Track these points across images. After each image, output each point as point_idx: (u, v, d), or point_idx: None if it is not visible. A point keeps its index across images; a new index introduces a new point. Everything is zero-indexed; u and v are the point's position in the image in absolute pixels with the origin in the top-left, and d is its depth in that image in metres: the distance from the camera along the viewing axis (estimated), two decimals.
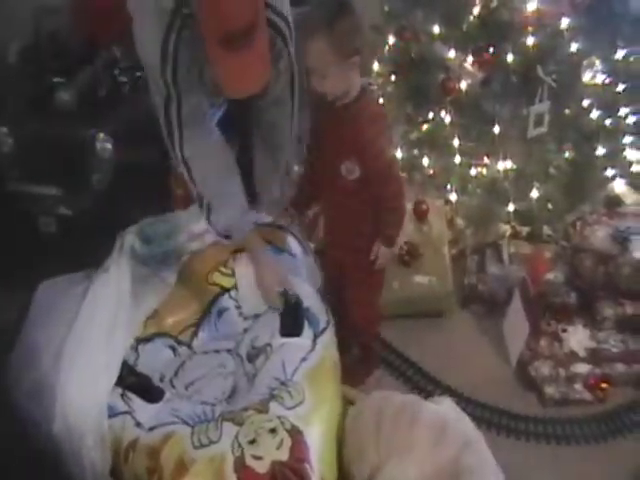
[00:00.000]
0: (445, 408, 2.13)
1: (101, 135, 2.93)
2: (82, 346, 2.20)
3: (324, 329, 2.39)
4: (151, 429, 2.10)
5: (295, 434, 2.00)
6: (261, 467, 1.90)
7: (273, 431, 1.99)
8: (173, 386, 2.33)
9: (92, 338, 2.23)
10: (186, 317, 2.50)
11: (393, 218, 2.44)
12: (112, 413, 2.14)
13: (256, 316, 2.49)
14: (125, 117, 3.05)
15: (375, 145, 2.29)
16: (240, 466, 1.90)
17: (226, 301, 2.51)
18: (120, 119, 3.03)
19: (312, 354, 2.29)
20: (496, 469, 1.99)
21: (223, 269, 2.54)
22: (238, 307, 2.52)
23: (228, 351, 2.45)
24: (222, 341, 2.49)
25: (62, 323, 2.27)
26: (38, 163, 2.96)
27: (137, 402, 2.19)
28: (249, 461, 1.91)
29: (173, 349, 2.46)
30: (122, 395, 2.19)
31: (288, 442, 1.97)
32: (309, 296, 2.48)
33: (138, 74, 3.07)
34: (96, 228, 2.93)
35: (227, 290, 2.51)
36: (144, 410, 2.17)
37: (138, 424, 2.12)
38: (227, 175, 2.43)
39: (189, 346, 2.47)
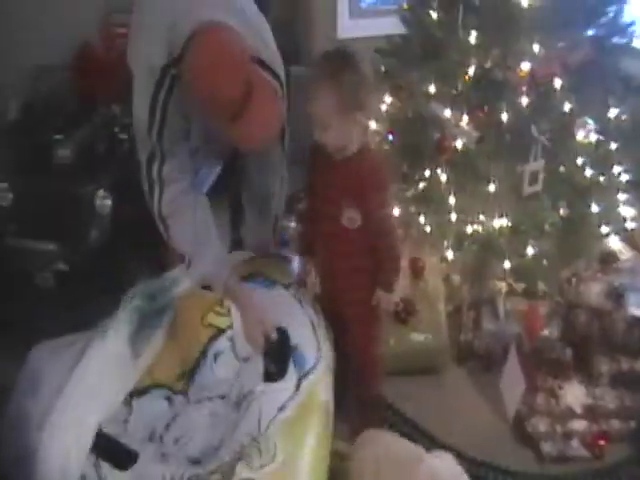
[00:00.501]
0: (444, 464, 2.15)
1: (100, 191, 2.99)
2: (68, 411, 2.19)
3: (311, 368, 2.35)
4: None
5: None
6: None
7: None
8: (162, 441, 2.29)
9: (79, 403, 2.22)
10: (181, 363, 2.44)
11: (391, 265, 2.47)
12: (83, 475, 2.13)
13: (245, 359, 2.43)
14: (124, 174, 3.06)
15: (379, 195, 2.33)
16: None
17: (222, 343, 2.44)
18: (119, 176, 3.08)
19: (292, 401, 2.26)
20: None
21: (218, 309, 2.48)
22: (233, 348, 2.45)
23: (221, 397, 2.39)
24: (217, 386, 2.41)
25: (51, 389, 2.25)
26: (37, 218, 3.01)
27: (107, 470, 2.16)
28: None
29: (169, 399, 2.39)
30: (94, 464, 2.16)
31: None
32: (300, 329, 2.45)
33: None
34: (94, 284, 2.97)
35: (223, 331, 2.45)
36: (113, 476, 2.15)
37: None
38: (204, 231, 2.46)
39: (185, 394, 2.40)
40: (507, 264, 3.04)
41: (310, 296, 2.65)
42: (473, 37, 2.89)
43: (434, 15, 3.06)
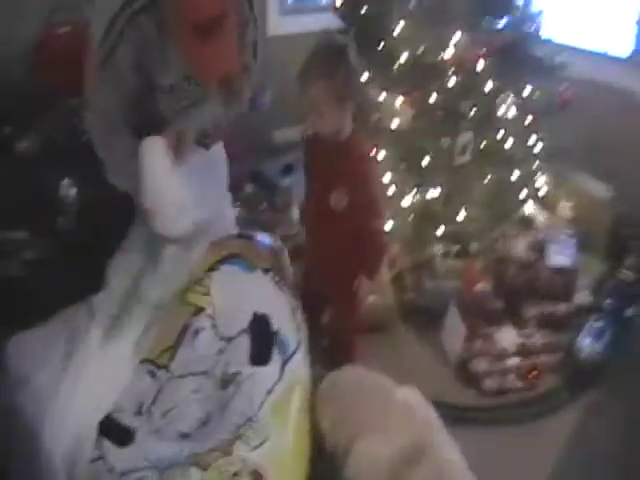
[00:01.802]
0: (415, 395, 2.43)
1: (65, 180, 3.05)
2: (69, 409, 2.26)
3: (294, 352, 2.46)
4: (123, 474, 2.15)
5: (258, 476, 2.10)
6: None
7: (236, 475, 2.08)
8: (150, 415, 2.34)
9: (79, 402, 2.28)
10: (164, 339, 2.49)
11: (375, 252, 2.63)
12: (89, 459, 2.20)
13: (230, 339, 2.47)
14: (87, 163, 2.93)
15: (365, 178, 2.52)
16: None
17: (202, 321, 2.51)
18: (83, 165, 2.97)
19: (279, 384, 2.35)
20: (453, 444, 2.31)
21: (198, 287, 2.56)
22: (214, 326, 2.51)
23: (204, 373, 2.44)
24: (199, 362, 2.46)
25: (44, 386, 2.29)
26: (2, 208, 2.99)
27: (108, 446, 2.23)
28: None
29: (152, 374, 2.44)
30: (96, 443, 2.23)
31: None
32: (281, 314, 2.54)
33: None
34: (63, 272, 2.96)
35: (202, 309, 2.52)
36: (116, 454, 2.21)
37: (110, 470, 2.17)
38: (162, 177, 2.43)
39: (167, 369, 2.44)
40: (442, 229, 3.42)
41: (288, 279, 2.76)
42: (402, 27, 3.24)
43: (365, 7, 3.41)
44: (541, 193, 3.74)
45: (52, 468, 2.20)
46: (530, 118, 3.49)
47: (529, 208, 3.71)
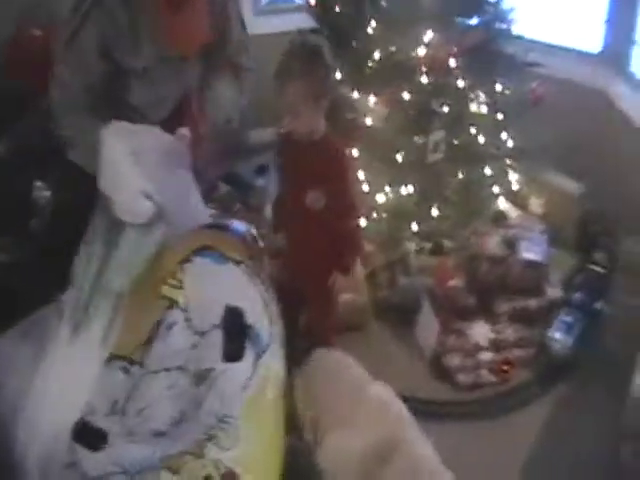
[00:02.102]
0: (384, 390, 2.48)
1: (38, 183, 3.09)
2: (42, 408, 2.28)
3: (267, 346, 2.41)
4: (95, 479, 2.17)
5: (230, 478, 2.11)
6: None
7: (208, 478, 2.10)
8: (124, 414, 2.33)
9: (52, 400, 2.29)
10: (137, 334, 2.42)
11: (350, 250, 2.74)
12: (63, 465, 2.21)
13: (203, 333, 2.41)
14: (61, 166, 2.99)
15: (341, 177, 2.59)
16: None
17: (175, 315, 2.43)
18: (57, 168, 3.06)
19: (252, 381, 2.32)
20: (426, 440, 2.34)
21: (171, 281, 2.47)
22: (188, 320, 2.43)
23: (178, 368, 2.39)
24: (173, 357, 2.40)
25: (18, 386, 2.32)
26: None
27: (81, 451, 2.22)
28: None
29: (125, 370, 2.39)
30: (69, 448, 2.23)
31: None
32: (253, 308, 2.46)
33: None
34: (37, 274, 2.96)
35: (176, 303, 2.44)
36: (88, 459, 2.21)
37: (83, 476, 2.18)
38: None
39: (141, 364, 2.39)
40: (415, 227, 3.48)
41: (262, 269, 2.68)
42: (374, 27, 3.30)
43: (338, 8, 3.48)
44: (513, 190, 3.79)
45: (26, 474, 2.22)
46: (502, 116, 3.53)
47: (501, 205, 3.77)
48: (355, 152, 3.43)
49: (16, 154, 3.17)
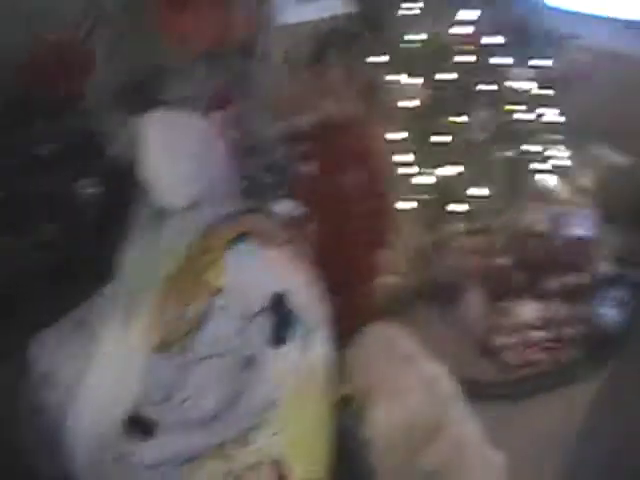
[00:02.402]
0: (437, 368, 2.53)
1: (80, 181, 3.11)
2: (91, 399, 2.33)
3: (312, 329, 2.42)
4: (146, 469, 2.22)
5: (277, 465, 2.12)
6: None
7: (254, 467, 2.11)
8: (172, 403, 2.36)
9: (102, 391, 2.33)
10: (184, 322, 2.44)
11: (386, 226, 2.84)
12: (113, 455, 2.26)
13: (249, 318, 2.43)
14: (103, 164, 3.11)
15: (377, 157, 2.65)
16: None
17: (220, 301, 2.45)
18: (96, 166, 3.12)
19: (299, 365, 2.33)
20: (475, 421, 2.38)
21: (215, 267, 2.49)
22: (233, 306, 2.45)
23: (224, 355, 2.42)
24: (219, 343, 2.42)
25: (68, 380, 2.36)
26: (25, 212, 3.06)
27: (132, 442, 2.27)
28: None
29: (174, 358, 2.42)
30: (120, 435, 2.28)
31: (269, 477, 2.12)
32: (298, 292, 2.47)
33: None
34: (83, 272, 2.99)
35: (220, 289, 2.45)
36: (139, 449, 2.25)
37: (132, 466, 2.22)
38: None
39: (188, 352, 2.43)
40: (463, 207, 3.48)
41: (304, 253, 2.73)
42: (413, 9, 3.33)
43: None
44: (560, 166, 3.76)
45: (76, 465, 2.27)
46: (546, 91, 3.51)
47: (548, 181, 3.74)
48: (399, 135, 3.41)
49: (58, 153, 3.17)
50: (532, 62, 3.48)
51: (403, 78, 3.38)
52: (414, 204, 3.48)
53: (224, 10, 2.50)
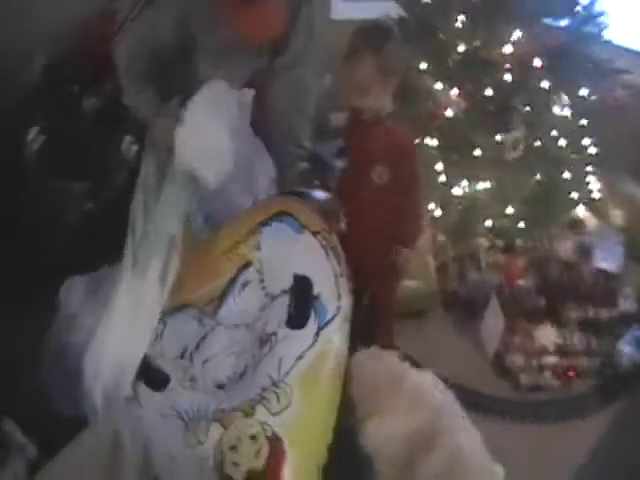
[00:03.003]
0: (426, 379, 2.44)
1: (127, 137, 3.24)
2: (109, 341, 2.46)
3: (331, 319, 2.42)
4: (152, 416, 2.33)
5: (275, 442, 2.15)
6: (237, 474, 2.10)
7: (254, 438, 2.15)
8: (191, 361, 2.46)
9: (119, 334, 2.47)
10: (212, 289, 2.57)
11: (412, 225, 2.80)
12: (124, 397, 2.38)
13: (273, 297, 2.50)
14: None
15: (406, 154, 2.63)
16: (219, 472, 2.12)
17: (250, 274, 2.55)
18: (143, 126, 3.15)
19: (310, 351, 2.35)
20: (473, 430, 2.32)
21: (250, 241, 2.58)
22: (261, 281, 2.55)
23: (246, 326, 2.51)
24: (243, 315, 2.53)
25: (90, 324, 2.52)
26: (67, 161, 3.21)
27: (143, 388, 2.41)
28: (227, 468, 2.12)
29: (199, 320, 2.54)
30: (134, 381, 2.41)
31: (266, 450, 2.13)
32: (323, 279, 2.49)
33: None
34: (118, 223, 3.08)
35: (251, 263, 2.56)
36: (147, 396, 2.39)
37: (141, 411, 2.35)
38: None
39: (213, 316, 2.53)
40: (488, 223, 3.50)
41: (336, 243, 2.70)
42: (461, 21, 3.34)
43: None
44: (592, 198, 3.76)
45: (92, 405, 2.37)
46: (584, 121, 3.53)
47: (579, 211, 3.74)
48: (434, 142, 3.47)
49: (107, 109, 3.29)
50: (575, 89, 3.49)
51: (439, 86, 3.43)
52: (441, 213, 3.50)
53: (283, 10, 2.50)
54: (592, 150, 3.61)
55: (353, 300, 2.53)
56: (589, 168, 3.68)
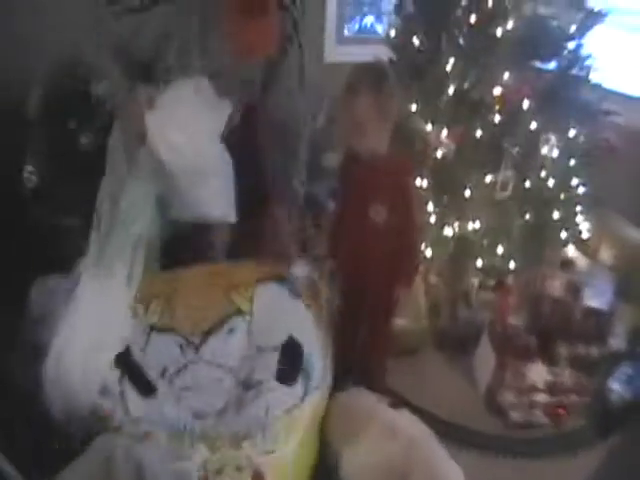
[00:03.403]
0: (401, 414, 2.60)
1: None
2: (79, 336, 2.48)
3: (316, 387, 2.61)
4: (135, 421, 2.37)
5: (258, 477, 2.26)
6: None
7: (239, 469, 2.25)
8: (171, 383, 2.53)
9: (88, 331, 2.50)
10: (199, 321, 2.65)
11: (411, 263, 2.83)
12: (106, 393, 2.43)
13: (260, 350, 2.65)
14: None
15: (404, 194, 2.66)
16: None
17: (239, 323, 2.67)
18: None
19: (296, 409, 2.51)
20: (450, 462, 2.37)
21: (244, 291, 2.73)
22: (249, 332, 2.67)
23: (229, 370, 2.61)
24: (227, 357, 2.62)
25: (61, 320, 2.53)
26: (62, 197, 3.27)
27: (130, 391, 2.45)
28: None
29: (181, 348, 2.61)
30: (119, 380, 2.46)
31: None
32: (313, 348, 2.68)
33: None
34: None
35: (242, 313, 2.69)
36: (135, 401, 2.43)
37: (126, 412, 2.40)
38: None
39: (196, 350, 2.61)
40: (479, 262, 3.54)
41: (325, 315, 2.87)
42: (451, 64, 3.40)
43: (417, 42, 3.60)
44: (582, 238, 3.81)
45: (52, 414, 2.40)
46: (573, 161, 3.59)
47: (569, 251, 3.78)
48: (424, 183, 3.52)
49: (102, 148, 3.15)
50: (564, 131, 3.55)
51: (429, 127, 3.48)
52: (432, 252, 3.54)
53: (278, 28, 2.59)
54: (581, 190, 3.67)
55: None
56: (578, 208, 3.72)
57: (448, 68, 3.43)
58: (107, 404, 2.40)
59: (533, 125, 3.41)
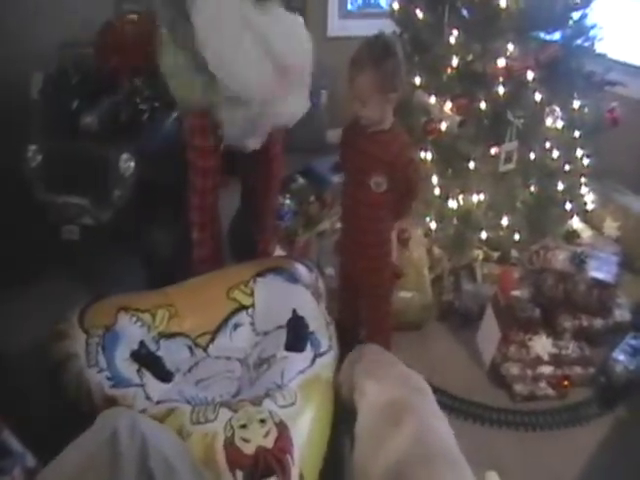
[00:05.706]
0: (413, 372, 2.57)
1: (124, 155, 3.28)
2: None
3: (325, 351, 2.75)
4: (158, 403, 2.44)
5: (282, 428, 2.29)
6: (247, 449, 2.20)
7: (263, 421, 2.28)
8: (186, 379, 2.67)
9: None
10: (205, 323, 2.86)
11: (410, 202, 2.86)
12: (127, 384, 2.47)
13: (266, 333, 2.86)
14: (145, 140, 3.40)
15: (403, 158, 2.64)
16: (229, 444, 2.21)
17: (242, 317, 2.90)
18: (141, 142, 3.37)
19: (309, 370, 2.63)
20: (442, 417, 2.36)
21: (244, 288, 2.95)
22: (252, 324, 2.90)
23: (238, 360, 2.80)
24: (234, 351, 2.83)
25: None
26: (65, 177, 3.29)
27: (150, 379, 2.54)
28: (238, 442, 2.22)
29: (190, 349, 2.79)
30: (138, 370, 2.54)
31: (274, 433, 2.26)
32: (316, 321, 2.86)
33: (156, 104, 3.49)
34: (115, 239, 3.32)
35: (245, 307, 2.91)
36: (154, 387, 2.51)
37: (148, 397, 2.45)
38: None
39: (205, 349, 2.82)
40: (483, 235, 3.55)
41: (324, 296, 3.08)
42: (454, 36, 3.39)
43: (421, 15, 3.58)
44: (587, 209, 3.80)
45: None
46: (577, 133, 3.58)
47: (574, 223, 3.78)
48: (428, 156, 3.53)
49: (105, 126, 3.34)
50: (568, 102, 3.55)
51: (434, 100, 3.48)
52: (436, 225, 3.55)
53: None
54: (586, 161, 3.67)
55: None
56: (583, 179, 3.72)
57: (452, 40, 3.42)
58: (128, 393, 2.46)
59: (537, 97, 3.39)
